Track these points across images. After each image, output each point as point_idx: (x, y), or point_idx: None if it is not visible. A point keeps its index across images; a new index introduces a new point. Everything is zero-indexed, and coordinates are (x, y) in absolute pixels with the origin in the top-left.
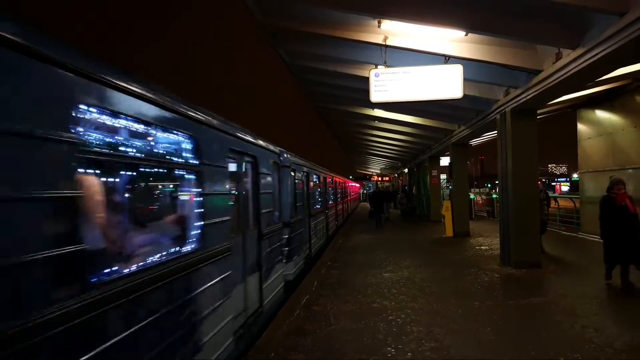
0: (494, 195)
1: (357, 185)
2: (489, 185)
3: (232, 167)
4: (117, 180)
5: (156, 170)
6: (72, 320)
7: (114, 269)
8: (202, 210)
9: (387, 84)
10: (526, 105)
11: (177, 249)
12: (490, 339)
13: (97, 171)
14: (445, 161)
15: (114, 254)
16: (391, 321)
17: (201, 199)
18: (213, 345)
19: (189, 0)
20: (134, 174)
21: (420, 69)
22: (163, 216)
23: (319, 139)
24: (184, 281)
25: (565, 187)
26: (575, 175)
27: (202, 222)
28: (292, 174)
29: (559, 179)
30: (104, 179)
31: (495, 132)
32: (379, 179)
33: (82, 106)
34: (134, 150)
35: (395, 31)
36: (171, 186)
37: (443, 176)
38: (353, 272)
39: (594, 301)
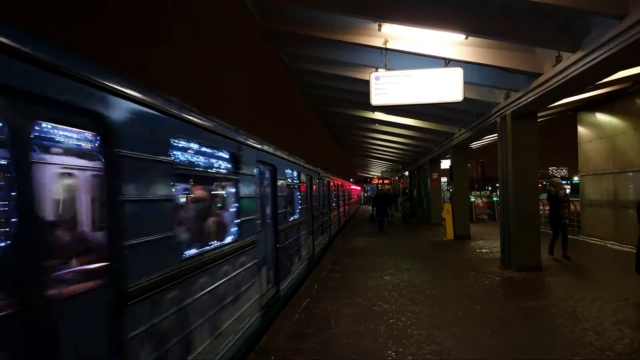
0: (495, 198)
1: (359, 188)
2: (490, 188)
3: (305, 180)
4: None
5: (295, 186)
6: (288, 227)
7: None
8: (300, 201)
9: (387, 87)
10: (526, 108)
11: (295, 216)
12: (490, 342)
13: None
14: (445, 164)
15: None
16: (392, 324)
17: (300, 197)
18: (303, 259)
19: (189, 8)
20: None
21: (420, 72)
22: (295, 203)
23: (320, 142)
24: (297, 229)
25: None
26: (575, 178)
27: (300, 207)
28: (322, 182)
29: None
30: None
31: (496, 134)
32: (380, 181)
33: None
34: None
35: (396, 34)
36: (300, 190)
37: (444, 179)
38: (353, 275)
39: (594, 304)
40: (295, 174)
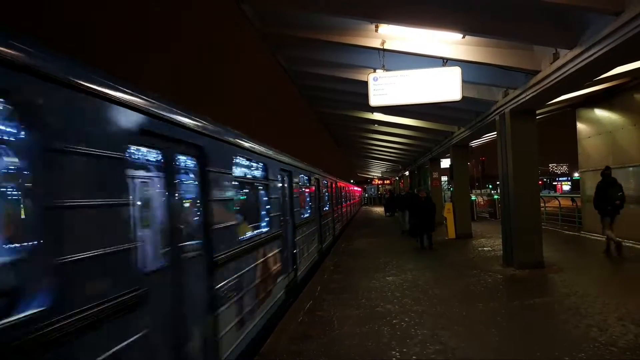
0: (495, 196)
1: (359, 189)
2: (490, 186)
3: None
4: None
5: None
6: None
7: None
8: (328, 202)
9: (385, 88)
10: (525, 105)
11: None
12: (494, 340)
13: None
14: (446, 163)
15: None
16: (395, 325)
17: (327, 197)
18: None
19: (187, 14)
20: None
21: (418, 72)
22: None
23: (320, 143)
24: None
25: (566, 187)
26: (576, 175)
27: (318, 206)
28: (332, 185)
29: (560, 179)
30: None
31: (496, 132)
32: (381, 182)
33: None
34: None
35: (393, 35)
36: (335, 195)
37: (444, 178)
38: (356, 277)
39: (598, 300)
40: (318, 185)
